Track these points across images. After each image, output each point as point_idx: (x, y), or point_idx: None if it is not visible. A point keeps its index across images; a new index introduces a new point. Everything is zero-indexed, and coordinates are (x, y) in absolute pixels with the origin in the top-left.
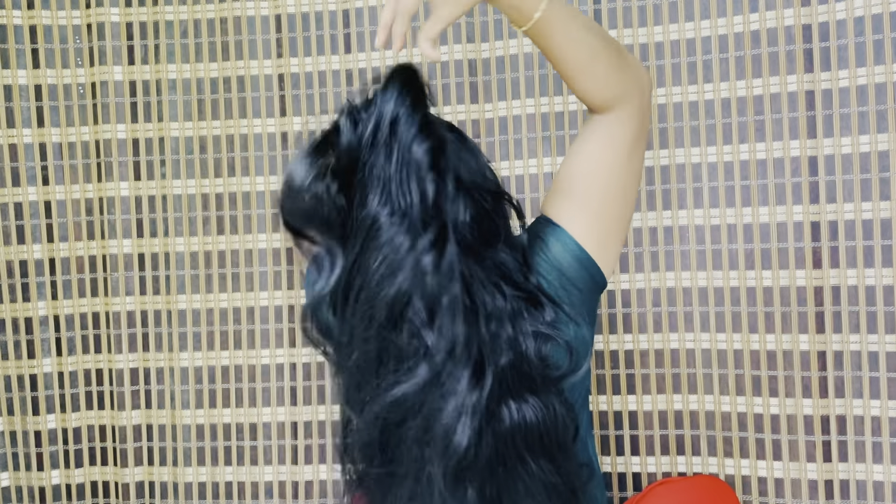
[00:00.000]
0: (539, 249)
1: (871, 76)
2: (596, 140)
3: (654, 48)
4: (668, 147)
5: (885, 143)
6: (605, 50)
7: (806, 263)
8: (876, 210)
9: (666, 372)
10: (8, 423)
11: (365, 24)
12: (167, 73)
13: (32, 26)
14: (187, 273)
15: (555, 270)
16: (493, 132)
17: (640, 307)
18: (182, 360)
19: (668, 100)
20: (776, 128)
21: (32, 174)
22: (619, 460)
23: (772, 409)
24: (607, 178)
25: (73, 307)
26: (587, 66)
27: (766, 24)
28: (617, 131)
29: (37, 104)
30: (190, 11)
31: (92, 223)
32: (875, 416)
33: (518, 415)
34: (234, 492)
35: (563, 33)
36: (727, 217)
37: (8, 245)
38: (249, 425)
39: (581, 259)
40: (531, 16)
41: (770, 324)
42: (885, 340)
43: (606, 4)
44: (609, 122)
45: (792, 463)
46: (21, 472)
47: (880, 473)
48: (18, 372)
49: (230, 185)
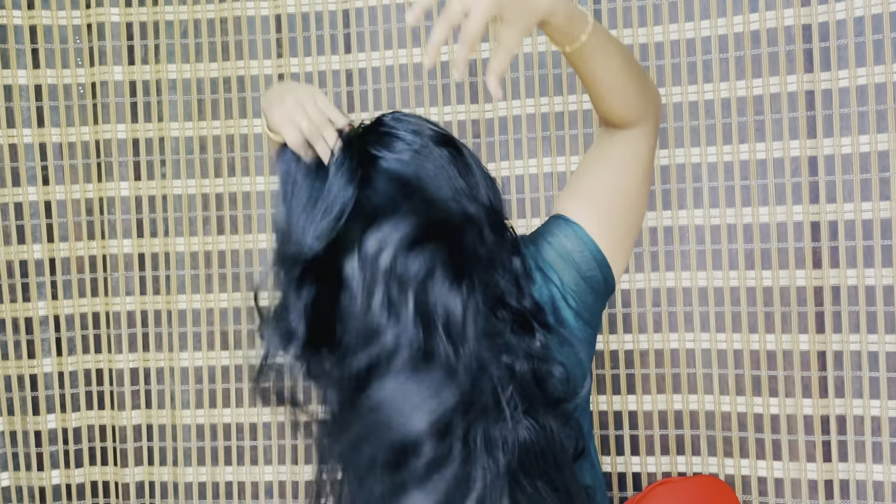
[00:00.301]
0: (555, 246)
1: (870, 76)
2: (620, 153)
3: (654, 48)
4: (668, 147)
5: (885, 143)
6: (636, 72)
7: (806, 263)
8: (876, 210)
9: (666, 372)
10: (8, 423)
11: (365, 24)
12: (167, 73)
13: (32, 26)
14: (187, 273)
15: (571, 267)
16: (493, 132)
17: (640, 307)
18: (182, 360)
19: (668, 100)
20: (776, 128)
21: (32, 174)
22: (619, 460)
23: (772, 409)
24: (627, 188)
25: (73, 307)
26: (621, 86)
27: (766, 24)
28: (641, 145)
29: (37, 104)
30: (190, 11)
31: (92, 223)
32: (875, 416)
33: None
34: (234, 492)
35: (603, 57)
36: (727, 217)
37: (8, 245)
38: (249, 425)
39: (598, 259)
40: (578, 38)
41: (770, 324)
42: (885, 340)
43: (606, 4)
44: (633, 137)
45: (792, 463)
46: (21, 472)
47: (880, 473)
48: (18, 372)
49: (230, 185)
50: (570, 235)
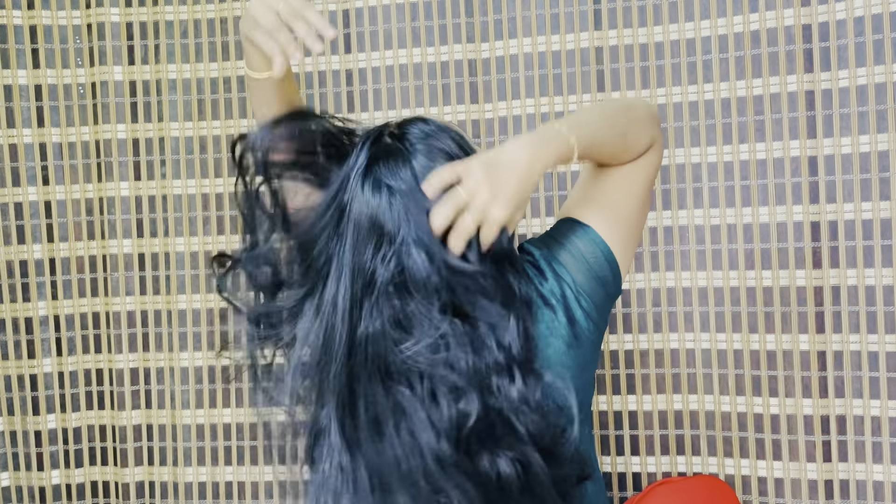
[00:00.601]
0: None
1: (870, 76)
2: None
3: (654, 48)
4: (668, 147)
5: (885, 143)
6: (629, 123)
7: (806, 263)
8: (876, 210)
9: (666, 372)
10: (8, 423)
11: (365, 25)
12: (167, 73)
13: (32, 26)
14: (187, 273)
15: (584, 268)
16: (493, 132)
17: (640, 307)
18: (182, 360)
19: (668, 100)
20: (776, 128)
21: (32, 174)
22: (619, 460)
23: (772, 409)
24: (637, 195)
25: (73, 307)
26: (622, 148)
27: (766, 24)
28: (652, 159)
29: (37, 104)
30: (190, 11)
31: (92, 223)
32: (875, 416)
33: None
34: (234, 492)
35: (598, 147)
36: (727, 217)
37: (8, 245)
38: (249, 425)
39: (609, 261)
40: (571, 157)
41: (770, 324)
42: (885, 340)
43: (606, 4)
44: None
45: (792, 463)
46: (21, 472)
47: (880, 473)
48: (18, 372)
49: (230, 185)
50: (583, 237)
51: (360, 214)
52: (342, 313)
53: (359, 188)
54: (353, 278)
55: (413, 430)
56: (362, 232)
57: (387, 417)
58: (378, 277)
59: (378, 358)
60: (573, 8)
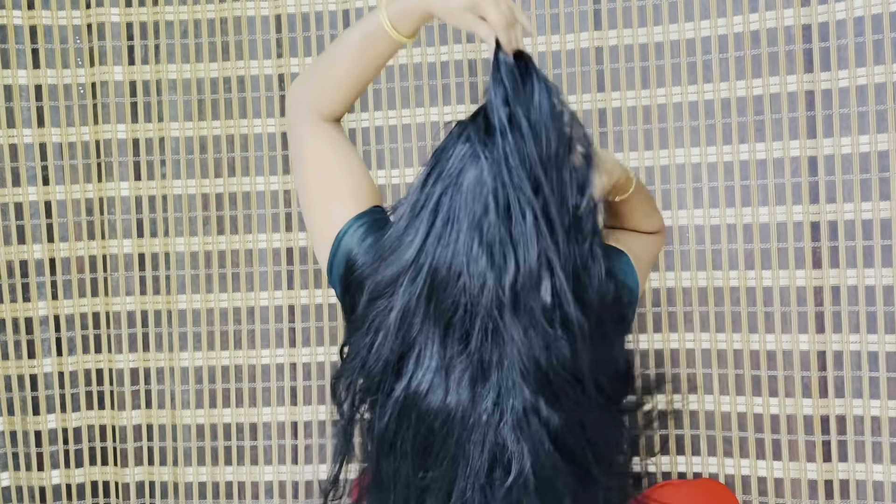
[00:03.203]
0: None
1: (870, 76)
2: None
3: (654, 48)
4: (669, 147)
5: (885, 143)
6: (653, 207)
7: (806, 263)
8: (876, 210)
9: (666, 372)
10: (8, 423)
11: None
12: (167, 73)
13: (32, 26)
14: (187, 273)
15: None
16: None
17: (640, 307)
18: (182, 360)
19: (668, 100)
20: (776, 128)
21: (32, 174)
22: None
23: (772, 409)
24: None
25: (73, 307)
26: (650, 214)
27: (766, 25)
28: (658, 240)
29: (37, 104)
30: (190, 11)
31: (92, 223)
32: (875, 416)
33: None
34: (234, 492)
35: (640, 200)
36: (727, 217)
37: (8, 245)
38: (249, 425)
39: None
40: (626, 191)
41: (770, 324)
42: (884, 340)
43: (606, 4)
44: (656, 237)
45: (792, 463)
46: (21, 472)
47: (880, 473)
48: (18, 372)
49: (230, 185)
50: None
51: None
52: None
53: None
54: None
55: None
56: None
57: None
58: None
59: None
60: (573, 8)
